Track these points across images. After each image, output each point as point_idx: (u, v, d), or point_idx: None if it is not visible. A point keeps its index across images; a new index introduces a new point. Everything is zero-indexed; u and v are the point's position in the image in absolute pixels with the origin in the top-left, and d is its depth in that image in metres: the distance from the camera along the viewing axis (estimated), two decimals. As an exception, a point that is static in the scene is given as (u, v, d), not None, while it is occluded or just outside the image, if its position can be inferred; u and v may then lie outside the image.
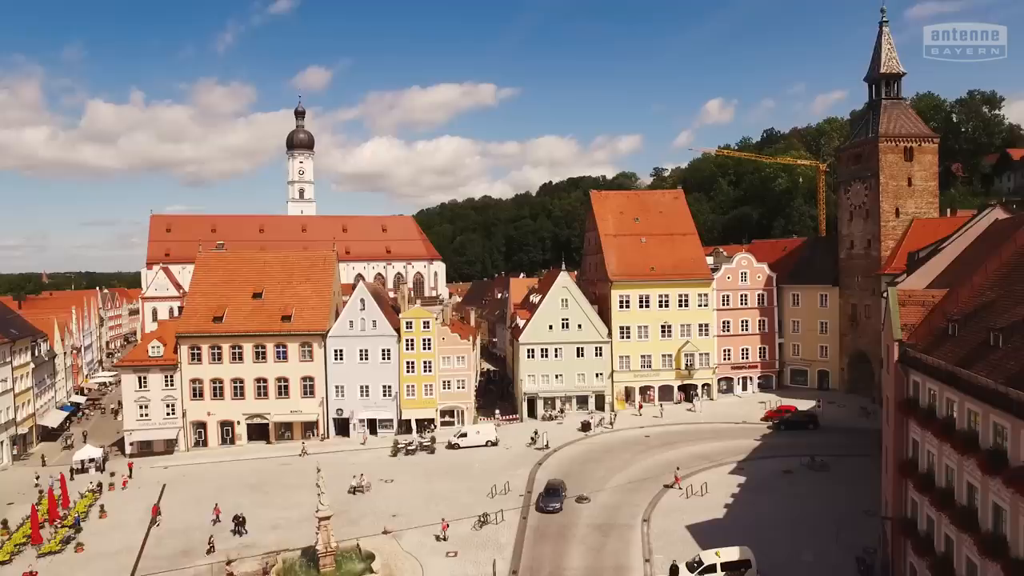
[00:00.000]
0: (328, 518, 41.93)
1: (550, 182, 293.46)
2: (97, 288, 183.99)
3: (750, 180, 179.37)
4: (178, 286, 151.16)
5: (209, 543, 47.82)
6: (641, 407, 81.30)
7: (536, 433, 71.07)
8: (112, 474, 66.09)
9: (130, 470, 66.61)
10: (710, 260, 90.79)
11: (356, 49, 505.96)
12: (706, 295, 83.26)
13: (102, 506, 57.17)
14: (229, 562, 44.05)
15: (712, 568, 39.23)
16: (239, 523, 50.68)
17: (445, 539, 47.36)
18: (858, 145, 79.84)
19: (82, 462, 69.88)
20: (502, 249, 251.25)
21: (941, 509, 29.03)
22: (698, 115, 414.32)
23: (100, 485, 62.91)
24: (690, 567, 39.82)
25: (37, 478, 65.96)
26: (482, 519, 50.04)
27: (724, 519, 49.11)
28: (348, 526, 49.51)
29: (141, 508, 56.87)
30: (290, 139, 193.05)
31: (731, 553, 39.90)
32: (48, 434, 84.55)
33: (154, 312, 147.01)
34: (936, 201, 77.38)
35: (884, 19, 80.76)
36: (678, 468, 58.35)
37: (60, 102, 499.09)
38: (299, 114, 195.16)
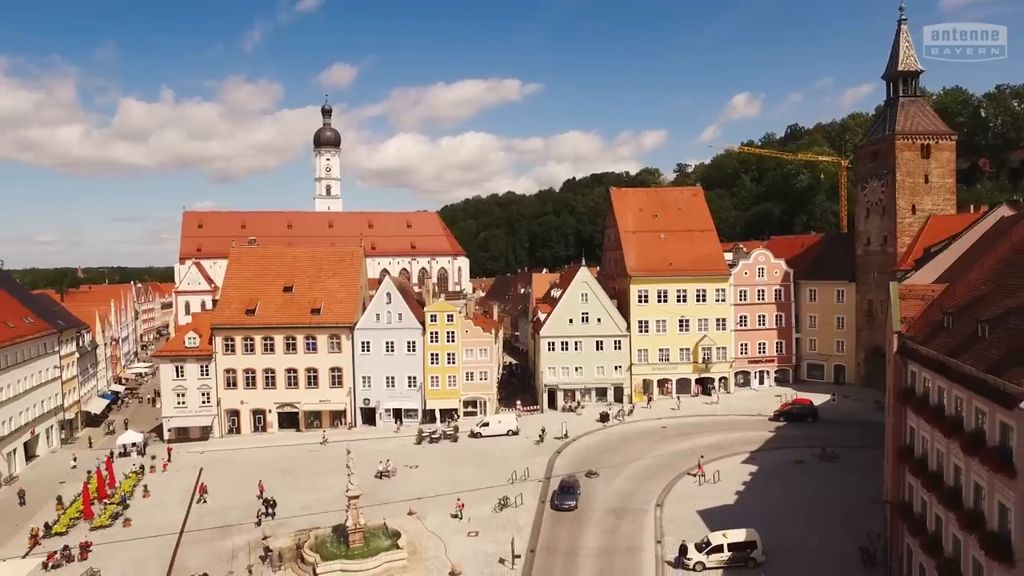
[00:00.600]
0: (357, 497, 44.70)
1: (573, 178, 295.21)
2: (131, 282, 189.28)
3: (773, 176, 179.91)
4: (210, 280, 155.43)
5: (257, 517, 51.48)
6: (650, 400, 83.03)
7: (543, 431, 71.19)
8: (153, 457, 69.83)
9: (169, 454, 70.15)
10: (729, 256, 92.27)
11: (381, 46, 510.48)
12: (723, 290, 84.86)
13: (145, 486, 60.64)
14: (265, 537, 47.11)
15: (719, 548, 41.35)
16: (269, 505, 53.54)
17: (460, 517, 50.26)
18: (875, 143, 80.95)
19: (124, 446, 73.59)
20: (525, 245, 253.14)
21: (931, 490, 30.89)
22: (724, 110, 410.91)
23: (142, 467, 66.52)
24: (698, 547, 41.97)
25: (74, 460, 70.01)
26: (502, 502, 52.54)
27: (735, 505, 51.05)
28: (375, 508, 52.14)
29: (181, 489, 60.34)
30: (317, 137, 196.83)
31: (738, 535, 41.97)
32: (91, 420, 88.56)
33: (187, 305, 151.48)
34: (953, 198, 78.30)
35: (903, 17, 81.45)
36: (702, 456, 60.27)
37: (94, 101, 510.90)
38: (326, 112, 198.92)
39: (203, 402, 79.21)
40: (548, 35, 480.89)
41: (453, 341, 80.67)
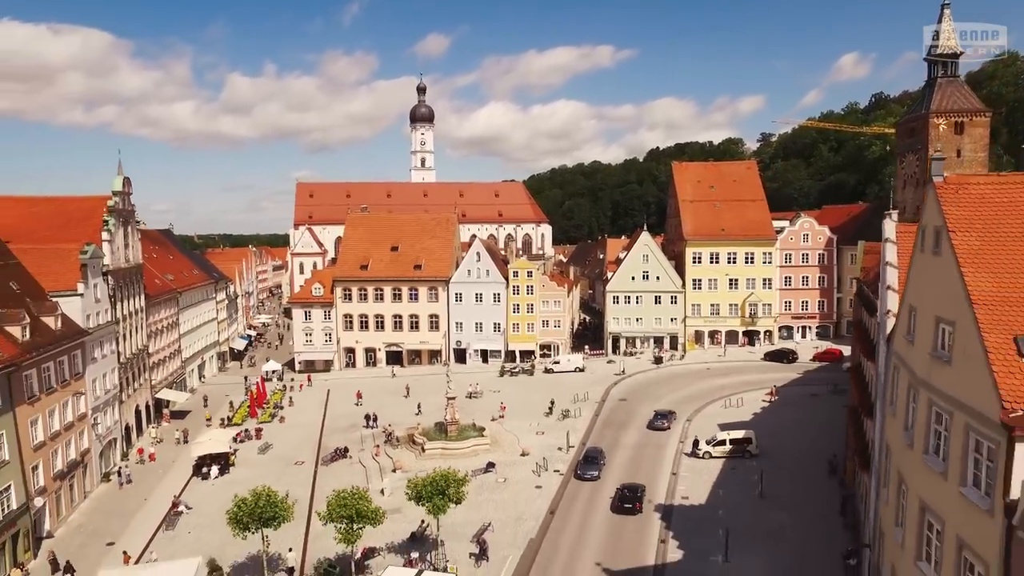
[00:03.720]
0: (454, 398, 60.31)
1: (657, 148, 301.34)
2: (248, 247, 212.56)
3: (848, 147, 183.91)
4: (320, 243, 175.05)
5: (367, 422, 67.64)
6: (661, 355, 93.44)
7: (553, 403, 70.09)
8: (292, 379, 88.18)
9: (309, 380, 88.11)
10: (787, 223, 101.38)
11: (474, 14, 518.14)
12: (770, 254, 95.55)
13: (291, 398, 78.82)
14: (387, 426, 63.53)
15: (723, 442, 54.57)
16: (371, 419, 68.74)
17: (503, 418, 66.25)
18: (912, 120, 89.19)
19: (267, 372, 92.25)
20: (608, 213, 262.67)
21: (857, 386, 43.19)
22: (829, 72, 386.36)
23: (284, 387, 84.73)
24: (707, 442, 55.31)
25: (202, 378, 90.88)
26: (565, 413, 67.11)
27: (749, 421, 63.51)
28: (466, 416, 67.50)
29: (316, 402, 77.95)
30: (412, 113, 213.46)
31: (738, 433, 55.12)
32: (235, 355, 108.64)
33: (300, 266, 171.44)
34: (984, 170, 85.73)
35: (946, 1, 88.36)
36: (775, 386, 73.39)
37: (204, 78, 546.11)
38: (421, 90, 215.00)
39: (326, 341, 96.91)
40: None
41: (532, 294, 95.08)
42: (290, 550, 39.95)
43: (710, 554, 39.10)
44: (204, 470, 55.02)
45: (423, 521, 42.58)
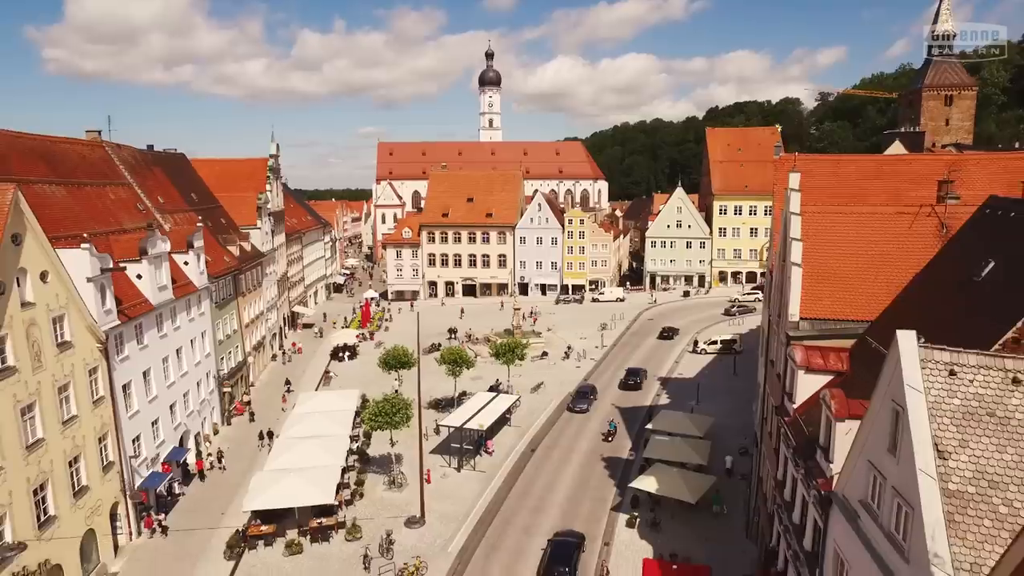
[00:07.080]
0: (518, 309, 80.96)
1: (717, 107, 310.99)
2: (332, 199, 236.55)
3: (895, 109, 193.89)
4: (399, 196, 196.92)
5: (450, 334, 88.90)
6: (688, 289, 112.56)
7: (569, 348, 77.90)
8: (390, 303, 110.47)
9: (412, 306, 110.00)
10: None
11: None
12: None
13: (391, 315, 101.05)
14: (468, 331, 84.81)
15: (715, 342, 73.69)
16: (452, 332, 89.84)
17: (537, 335, 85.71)
18: (909, 94, 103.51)
19: (367, 299, 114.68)
20: (666, 171, 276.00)
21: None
22: (922, 19, 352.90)
23: (384, 309, 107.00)
24: (704, 342, 74.52)
25: (316, 303, 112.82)
26: (603, 326, 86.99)
27: (745, 333, 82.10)
28: (528, 328, 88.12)
29: (410, 320, 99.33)
30: (481, 78, 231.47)
31: (726, 335, 74.10)
32: (336, 288, 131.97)
33: (383, 216, 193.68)
34: (970, 137, 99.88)
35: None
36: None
37: (276, 35, 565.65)
38: (488, 56, 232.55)
39: (413, 275, 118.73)
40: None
41: (583, 238, 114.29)
42: (396, 379, 61.74)
43: (687, 400, 58.81)
44: (339, 355, 77.44)
45: (497, 379, 63.73)
